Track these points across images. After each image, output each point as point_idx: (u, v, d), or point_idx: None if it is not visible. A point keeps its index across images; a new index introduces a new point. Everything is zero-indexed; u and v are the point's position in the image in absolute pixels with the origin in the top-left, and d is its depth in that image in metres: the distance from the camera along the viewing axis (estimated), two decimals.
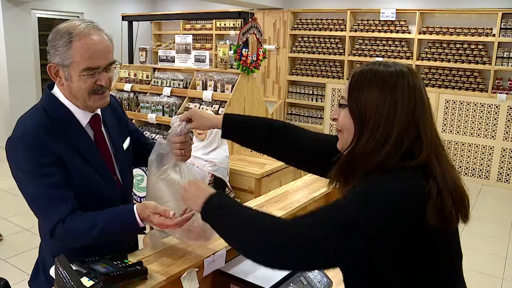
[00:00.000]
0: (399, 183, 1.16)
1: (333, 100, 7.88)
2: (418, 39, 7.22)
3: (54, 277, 1.41)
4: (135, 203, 1.59)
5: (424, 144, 1.21)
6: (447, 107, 6.86)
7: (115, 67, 1.65)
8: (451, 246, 1.28)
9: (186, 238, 1.77)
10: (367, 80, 1.25)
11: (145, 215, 1.55)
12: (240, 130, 1.70)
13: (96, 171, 1.64)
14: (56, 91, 1.65)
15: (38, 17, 8.30)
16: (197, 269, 1.73)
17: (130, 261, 1.60)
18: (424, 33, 7.17)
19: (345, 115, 1.29)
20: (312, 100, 8.38)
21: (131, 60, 5.84)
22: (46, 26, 8.76)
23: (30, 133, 1.53)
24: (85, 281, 1.38)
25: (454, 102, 6.81)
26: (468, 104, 6.71)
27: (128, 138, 1.87)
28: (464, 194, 1.27)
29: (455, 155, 6.86)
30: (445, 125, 6.90)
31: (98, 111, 1.72)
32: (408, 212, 1.14)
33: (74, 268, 1.41)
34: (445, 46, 7.07)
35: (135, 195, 4.98)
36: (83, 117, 1.65)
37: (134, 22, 5.94)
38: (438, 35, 7.04)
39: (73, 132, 1.61)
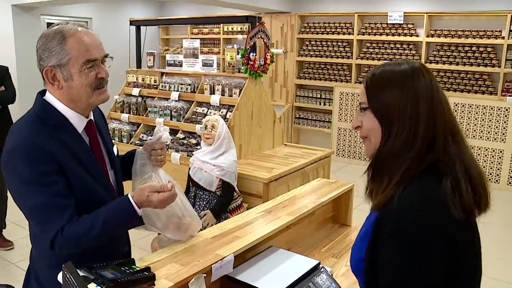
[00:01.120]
0: (422, 202, 1.16)
1: (341, 104, 7.86)
2: (426, 42, 7.18)
3: (62, 283, 1.41)
4: (131, 194, 1.61)
5: (442, 134, 1.22)
6: (456, 110, 6.82)
7: (111, 59, 1.69)
8: (476, 254, 1.31)
9: (177, 236, 1.89)
10: (384, 80, 1.26)
11: (143, 198, 1.57)
12: None
13: (94, 177, 1.63)
14: (50, 97, 1.62)
15: (47, 23, 8.37)
16: (205, 275, 1.72)
17: (138, 267, 1.60)
18: (432, 36, 7.14)
19: (368, 118, 1.28)
20: (320, 104, 8.37)
21: (139, 65, 5.86)
22: None
23: (28, 141, 1.50)
24: (93, 287, 1.38)
25: (463, 105, 6.77)
26: (477, 107, 6.67)
27: (116, 146, 1.88)
28: (483, 179, 1.26)
29: None
30: None
31: (92, 116, 1.72)
32: (443, 210, 1.15)
33: (81, 274, 1.41)
34: (453, 49, 7.03)
35: None
36: (79, 123, 1.64)
37: (142, 27, 5.96)
38: (446, 38, 7.01)
39: (70, 138, 1.59)
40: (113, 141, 1.75)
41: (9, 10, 7.05)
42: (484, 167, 6.69)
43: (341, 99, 7.87)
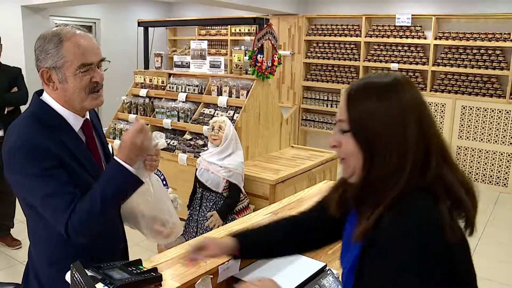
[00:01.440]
0: (418, 218, 1.08)
1: None
2: (434, 44, 7.15)
3: (70, 283, 1.42)
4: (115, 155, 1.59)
5: (433, 157, 1.12)
6: (463, 113, 6.79)
7: (108, 62, 1.69)
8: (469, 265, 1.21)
9: (158, 240, 1.90)
10: (367, 95, 1.14)
11: (126, 144, 1.54)
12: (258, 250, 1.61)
13: (91, 175, 1.64)
14: (47, 97, 1.64)
15: (56, 23, 8.42)
16: (211, 276, 1.73)
17: (145, 268, 1.61)
18: (440, 38, 7.11)
19: (348, 141, 1.16)
20: (327, 106, 8.36)
21: (146, 66, 5.88)
22: None
23: (28, 139, 1.52)
24: (100, 287, 1.39)
25: (471, 108, 6.74)
26: (485, 110, 6.64)
27: (110, 144, 1.93)
28: (475, 198, 1.19)
29: (471, 161, 6.79)
30: (461, 131, 6.83)
31: (88, 116, 1.74)
32: (441, 230, 1.07)
33: (89, 274, 1.42)
34: (461, 51, 7.00)
35: None
36: (76, 122, 1.66)
37: (149, 28, 5.98)
38: (454, 40, 6.98)
39: (67, 137, 1.61)
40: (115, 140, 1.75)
41: (18, 11, 7.10)
42: (491, 170, 6.66)
43: None
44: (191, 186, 3.90)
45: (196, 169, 3.80)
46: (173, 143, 4.90)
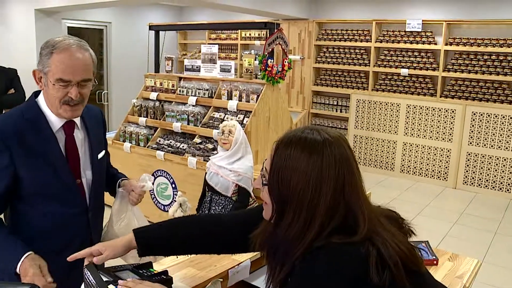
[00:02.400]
0: (334, 260, 1.10)
1: (357, 111, 7.84)
2: (444, 50, 7.13)
3: (83, 284, 1.43)
4: (29, 253, 1.62)
5: (361, 223, 1.13)
6: (474, 120, 6.76)
7: (93, 85, 1.77)
8: None
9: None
10: (291, 158, 1.15)
11: (24, 269, 1.59)
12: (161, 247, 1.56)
13: (56, 173, 1.74)
14: (40, 97, 1.79)
15: (68, 26, 8.50)
16: (221, 279, 1.74)
17: (155, 270, 1.61)
18: (451, 44, 7.09)
19: (266, 193, 1.21)
20: (336, 110, 8.35)
21: (157, 69, 5.91)
22: (75, 35, 8.91)
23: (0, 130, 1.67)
24: None
25: (481, 115, 6.70)
26: (496, 116, 6.60)
27: (104, 151, 2.00)
28: (411, 256, 1.16)
29: (481, 168, 6.74)
30: (471, 137, 6.79)
31: (76, 120, 1.83)
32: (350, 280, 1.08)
33: (101, 275, 1.43)
34: (472, 57, 6.97)
35: (159, 202, 5.03)
36: (57, 122, 1.77)
37: (160, 32, 6.02)
38: (465, 46, 6.95)
39: (40, 135, 1.72)
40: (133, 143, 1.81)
41: (32, 15, 7.19)
42: (502, 177, 6.61)
43: (358, 106, 7.84)
44: (200, 190, 3.91)
45: (206, 173, 3.81)
46: (183, 146, 4.92)
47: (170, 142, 5.09)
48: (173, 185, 4.84)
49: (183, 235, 1.52)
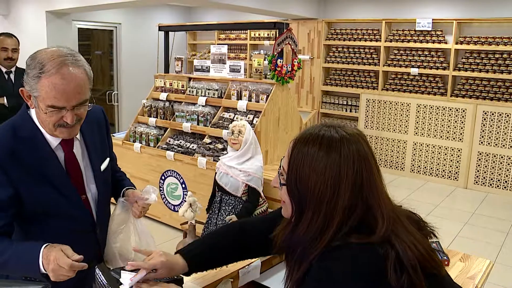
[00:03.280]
0: (352, 260, 1.08)
1: (367, 111, 7.81)
2: (455, 49, 7.08)
3: (95, 283, 1.44)
4: (47, 244, 1.50)
5: (379, 223, 1.11)
6: (485, 119, 6.71)
7: (89, 106, 1.63)
8: None
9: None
10: (308, 156, 1.14)
11: (49, 266, 1.44)
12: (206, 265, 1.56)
13: (59, 192, 1.64)
14: (32, 110, 1.64)
15: (78, 28, 8.55)
16: (232, 280, 1.74)
17: None
18: (462, 43, 7.04)
19: (285, 192, 1.21)
20: (346, 110, 8.33)
21: (166, 70, 5.93)
22: (85, 36, 9.01)
23: None
24: None
25: (493, 114, 6.65)
26: (508, 115, 6.54)
27: (108, 159, 1.88)
28: (430, 259, 1.15)
29: (493, 168, 6.69)
30: (483, 137, 6.74)
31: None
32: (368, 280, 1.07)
33: (112, 275, 1.44)
34: (483, 56, 6.91)
35: (169, 203, 5.04)
36: (54, 139, 1.65)
37: (170, 32, 6.04)
38: (476, 45, 6.90)
39: (38, 154, 1.61)
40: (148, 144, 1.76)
41: (43, 17, 7.27)
42: None
43: (368, 106, 7.82)
44: (210, 190, 3.92)
45: (216, 173, 3.82)
46: (193, 146, 4.93)
47: (180, 142, 5.11)
48: (183, 185, 4.85)
49: (221, 247, 1.54)
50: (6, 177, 1.53)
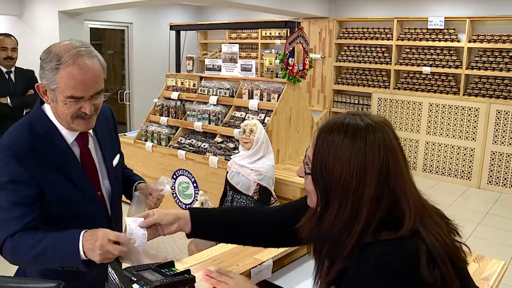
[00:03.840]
0: (389, 257, 1.06)
1: (379, 110, 7.77)
2: (468, 47, 7.02)
3: (108, 283, 1.45)
4: (85, 230, 1.50)
5: (407, 214, 1.09)
6: (498, 118, 6.64)
7: (105, 95, 1.65)
8: None
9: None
10: (333, 144, 1.13)
11: (96, 243, 1.45)
12: (209, 227, 1.57)
13: (77, 188, 1.65)
14: (46, 106, 1.67)
15: (90, 28, 8.61)
16: None
17: (177, 269, 1.62)
18: (475, 41, 6.97)
19: (310, 182, 1.19)
20: (357, 109, 8.29)
21: (178, 69, 5.95)
22: (97, 35, 9.06)
23: (11, 149, 1.56)
24: None
25: (507, 113, 6.58)
26: None
27: (118, 156, 1.90)
28: (457, 251, 1.14)
29: (507, 167, 6.62)
30: (496, 136, 6.67)
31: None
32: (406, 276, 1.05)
33: (125, 274, 1.44)
34: (497, 54, 6.84)
35: (180, 202, 5.06)
36: (70, 135, 1.67)
37: (181, 31, 6.05)
38: (489, 43, 6.83)
39: (56, 150, 1.63)
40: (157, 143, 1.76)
41: (56, 17, 7.35)
42: None
43: (379, 105, 7.78)
44: (221, 189, 3.92)
45: (227, 172, 3.82)
46: (204, 145, 4.94)
47: (192, 141, 5.12)
48: (195, 184, 4.86)
49: (234, 221, 1.55)
50: (30, 174, 1.55)
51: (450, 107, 7.02)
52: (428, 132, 7.29)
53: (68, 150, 1.66)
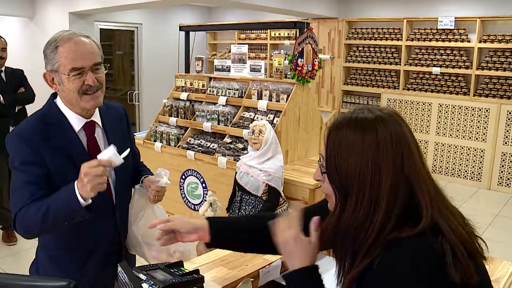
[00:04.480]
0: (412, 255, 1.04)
1: None
2: (478, 47, 6.97)
3: (117, 282, 1.46)
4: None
5: (423, 204, 1.08)
6: (509, 119, 6.59)
7: (105, 67, 1.76)
8: None
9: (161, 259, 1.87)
10: (345, 140, 1.13)
11: (81, 175, 1.51)
12: (228, 238, 1.58)
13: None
14: (58, 99, 1.77)
15: (100, 28, 8.66)
16: (252, 279, 1.74)
17: (186, 269, 1.63)
18: (485, 41, 6.92)
19: (327, 183, 1.18)
20: None
21: (187, 69, 5.96)
22: (107, 36, 9.11)
23: (22, 134, 1.68)
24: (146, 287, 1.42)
25: None
26: None
27: (128, 150, 1.86)
28: (473, 242, 1.12)
29: None
30: (507, 137, 6.62)
31: (95, 119, 1.81)
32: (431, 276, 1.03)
33: (135, 274, 1.45)
34: (508, 54, 6.78)
35: (189, 202, 5.07)
36: (77, 123, 1.76)
37: (190, 32, 6.07)
38: (500, 43, 6.78)
39: (65, 137, 1.72)
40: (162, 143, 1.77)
41: (66, 18, 7.41)
42: None
43: (389, 105, 7.74)
44: (230, 189, 3.93)
45: (236, 173, 3.83)
46: (213, 146, 4.95)
47: (201, 141, 5.13)
48: (203, 185, 4.87)
49: (252, 232, 1.55)
50: (39, 156, 1.65)
51: (460, 107, 6.98)
52: (438, 133, 7.25)
53: (76, 137, 1.75)
